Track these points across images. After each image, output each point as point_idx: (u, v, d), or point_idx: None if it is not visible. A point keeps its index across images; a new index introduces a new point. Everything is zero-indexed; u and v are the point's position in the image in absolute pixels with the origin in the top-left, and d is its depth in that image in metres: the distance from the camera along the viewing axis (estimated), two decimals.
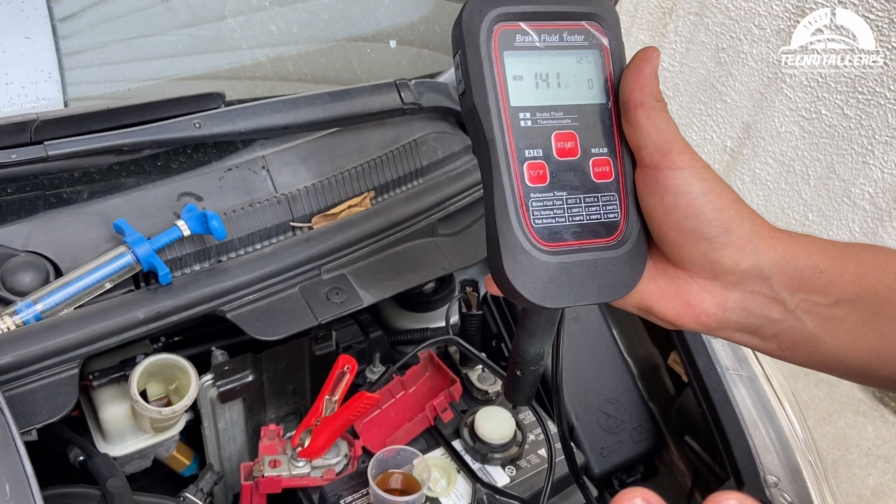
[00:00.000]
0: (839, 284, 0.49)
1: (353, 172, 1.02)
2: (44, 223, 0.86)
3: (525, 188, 0.49)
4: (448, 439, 0.98)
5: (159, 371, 0.91)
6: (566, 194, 0.50)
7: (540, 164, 0.50)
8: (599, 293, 0.50)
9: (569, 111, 0.51)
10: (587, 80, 0.51)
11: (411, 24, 1.21)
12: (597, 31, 0.52)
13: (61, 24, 1.02)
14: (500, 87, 0.49)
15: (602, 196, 0.51)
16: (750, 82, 2.49)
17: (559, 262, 0.49)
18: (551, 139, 0.50)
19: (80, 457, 0.91)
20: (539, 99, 0.50)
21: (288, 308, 0.92)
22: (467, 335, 1.06)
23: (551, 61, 0.51)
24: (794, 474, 0.90)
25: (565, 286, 0.49)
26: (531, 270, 0.49)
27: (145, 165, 0.94)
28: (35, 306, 0.79)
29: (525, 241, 0.49)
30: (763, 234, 0.49)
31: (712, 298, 0.51)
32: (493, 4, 0.49)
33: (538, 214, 0.49)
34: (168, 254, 0.87)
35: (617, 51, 0.52)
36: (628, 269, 0.51)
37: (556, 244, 0.49)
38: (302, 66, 1.11)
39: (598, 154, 0.51)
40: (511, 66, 0.50)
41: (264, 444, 0.95)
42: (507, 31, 0.50)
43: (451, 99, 1.12)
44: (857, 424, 2.31)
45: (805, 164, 2.41)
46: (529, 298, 0.49)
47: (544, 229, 0.49)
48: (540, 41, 0.50)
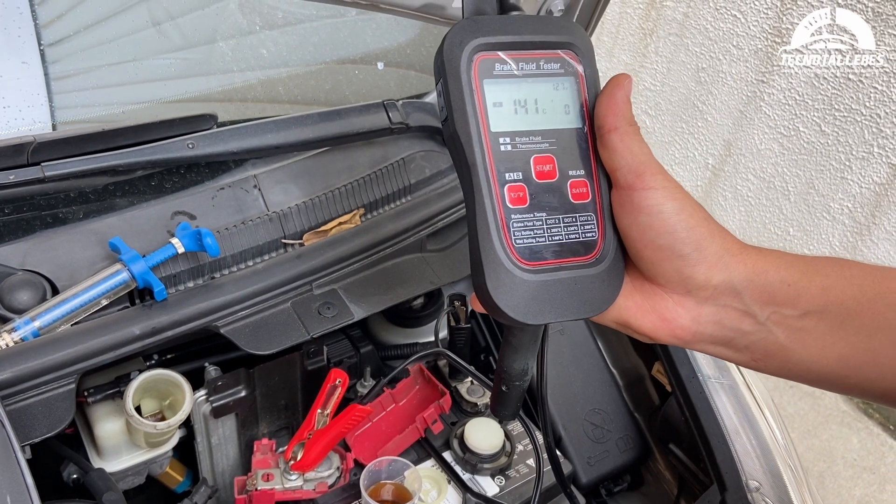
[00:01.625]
0: (806, 297, 0.51)
1: (342, 190, 1.05)
2: (41, 242, 0.87)
3: (506, 210, 0.51)
4: (438, 450, 1.00)
5: (154, 387, 0.93)
6: (545, 215, 0.52)
7: (520, 186, 0.52)
8: (579, 309, 0.52)
9: (547, 135, 0.53)
10: (564, 105, 0.53)
11: (398, 47, 1.25)
12: (572, 59, 0.54)
13: (50, 49, 1.04)
14: (481, 113, 0.51)
15: (580, 216, 0.53)
16: (730, 101, 2.54)
17: (540, 281, 0.51)
18: (530, 162, 0.52)
19: (74, 474, 0.92)
20: (518, 124, 0.52)
21: (280, 323, 0.93)
22: (456, 348, 1.08)
23: (529, 88, 0.53)
24: (775, 479, 0.92)
25: (546, 303, 0.51)
26: (513, 289, 0.50)
27: (139, 185, 0.97)
28: (33, 323, 0.81)
29: (507, 260, 0.50)
30: (733, 251, 0.52)
31: (687, 313, 0.53)
32: (473, 35, 0.51)
33: (519, 235, 0.51)
34: (163, 271, 0.89)
35: (591, 77, 0.54)
36: (606, 285, 0.53)
37: (537, 263, 0.51)
38: (292, 87, 1.14)
39: (575, 176, 0.53)
40: (491, 93, 0.52)
41: (257, 459, 0.97)
42: (487, 61, 0.52)
43: (438, 119, 1.15)
44: (842, 436, 2.34)
45: (785, 179, 2.46)
46: (512, 315, 0.50)
47: (525, 249, 0.51)
48: (518, 69, 0.52)
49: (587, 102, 0.54)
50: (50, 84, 1.03)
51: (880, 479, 2.23)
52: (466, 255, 1.16)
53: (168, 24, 1.14)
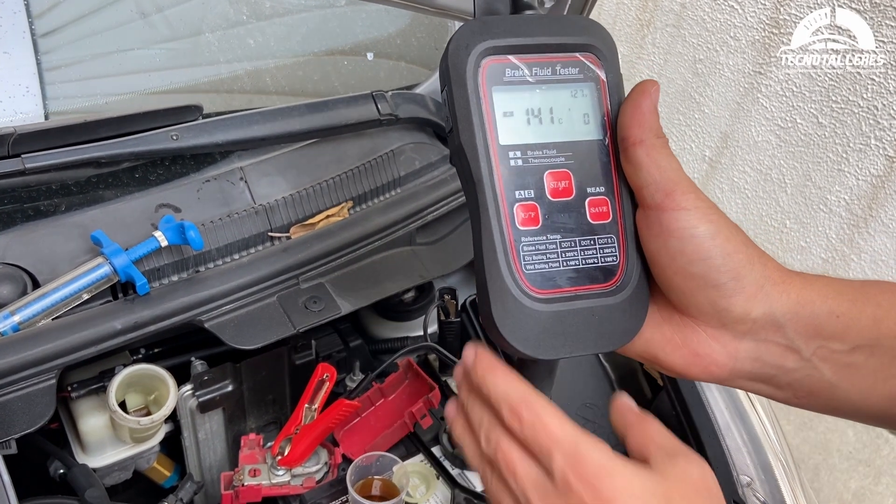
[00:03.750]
0: (856, 329, 0.46)
1: (330, 183, 1.03)
2: (21, 235, 0.86)
3: (515, 231, 0.46)
4: (427, 445, 0.99)
5: (138, 381, 0.92)
6: (560, 237, 0.47)
7: (531, 205, 0.47)
8: (597, 343, 0.47)
9: (562, 149, 0.48)
10: (583, 115, 0.49)
11: (388, 37, 1.23)
12: (592, 64, 0.49)
13: (42, 40, 1.03)
14: (489, 124, 0.47)
15: (599, 238, 0.48)
16: (727, 93, 2.52)
17: (553, 311, 0.46)
18: (544, 179, 0.47)
19: (59, 469, 0.91)
20: (530, 136, 0.48)
21: (266, 317, 0.92)
22: (446, 342, 1.07)
23: (544, 96, 0.48)
24: (766, 474, 0.91)
25: (560, 336, 0.46)
26: (522, 320, 0.46)
27: (123, 177, 0.95)
28: (12, 317, 0.79)
29: (515, 288, 0.46)
30: (775, 280, 0.46)
31: (722, 348, 0.48)
32: (481, 38, 0.47)
33: (530, 259, 0.47)
34: (146, 264, 0.88)
35: (614, 84, 0.49)
36: (628, 316, 0.48)
37: (550, 291, 0.47)
38: (279, 78, 1.13)
39: (594, 194, 0.48)
40: (500, 102, 0.47)
41: (244, 454, 0.96)
42: (496, 66, 0.47)
43: (428, 110, 1.14)
44: (838, 429, 2.33)
45: (782, 172, 2.45)
46: (521, 350, 0.46)
47: (536, 275, 0.47)
48: (531, 75, 0.48)
49: (609, 112, 0.49)
50: (43, 74, 1.02)
51: (875, 471, 2.23)
52: (456, 249, 1.15)
53: (155, 15, 1.13)
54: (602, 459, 0.42)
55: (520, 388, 0.45)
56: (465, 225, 1.16)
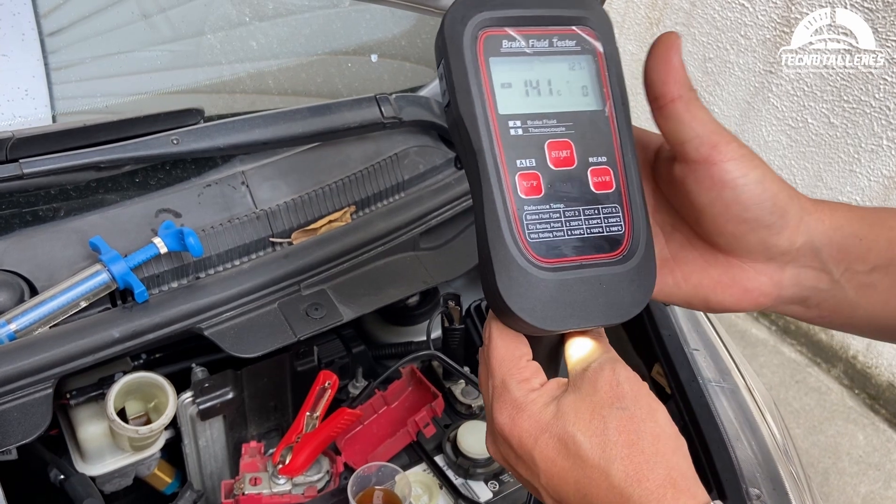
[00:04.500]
0: (875, 251, 0.50)
1: (333, 187, 1.02)
2: (19, 241, 0.85)
3: (518, 200, 0.46)
4: (430, 454, 0.98)
5: (137, 389, 0.91)
6: (563, 206, 0.47)
7: (533, 174, 0.47)
8: (606, 313, 0.47)
9: (563, 119, 0.48)
10: (581, 86, 0.49)
11: (393, 38, 1.22)
12: (589, 36, 0.49)
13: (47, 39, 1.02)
14: (488, 94, 0.46)
15: (603, 208, 0.48)
16: (737, 92, 2.50)
17: (559, 280, 0.46)
18: (545, 148, 0.47)
19: (60, 476, 0.90)
20: (530, 107, 0.48)
21: (267, 324, 0.91)
22: (450, 349, 1.06)
23: (542, 68, 0.48)
24: (776, 486, 0.89)
25: (567, 306, 0.46)
26: (528, 289, 0.45)
27: (123, 182, 0.94)
28: (8, 325, 0.78)
29: (520, 256, 0.45)
30: (809, 209, 0.49)
31: (769, 279, 0.51)
32: (477, 9, 0.46)
33: (533, 228, 0.46)
34: (145, 271, 0.87)
35: (611, 55, 0.49)
36: (636, 286, 0.47)
37: (555, 260, 0.46)
38: (282, 80, 1.11)
39: (596, 163, 0.48)
40: (498, 73, 0.47)
41: (245, 462, 0.95)
42: (493, 37, 0.47)
43: (433, 113, 1.12)
44: (848, 432, 2.31)
45: (793, 172, 2.42)
46: (528, 321, 0.45)
47: (541, 244, 0.46)
48: (528, 47, 0.48)
49: (608, 82, 0.49)
50: (50, 75, 1.01)
51: (886, 476, 2.21)
52: (461, 254, 1.13)
53: (158, 16, 1.11)
54: (518, 393, 0.47)
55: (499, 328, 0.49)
56: (469, 230, 1.14)
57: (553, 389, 0.47)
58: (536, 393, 0.47)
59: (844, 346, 2.39)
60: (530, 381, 0.47)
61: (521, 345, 0.48)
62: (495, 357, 0.48)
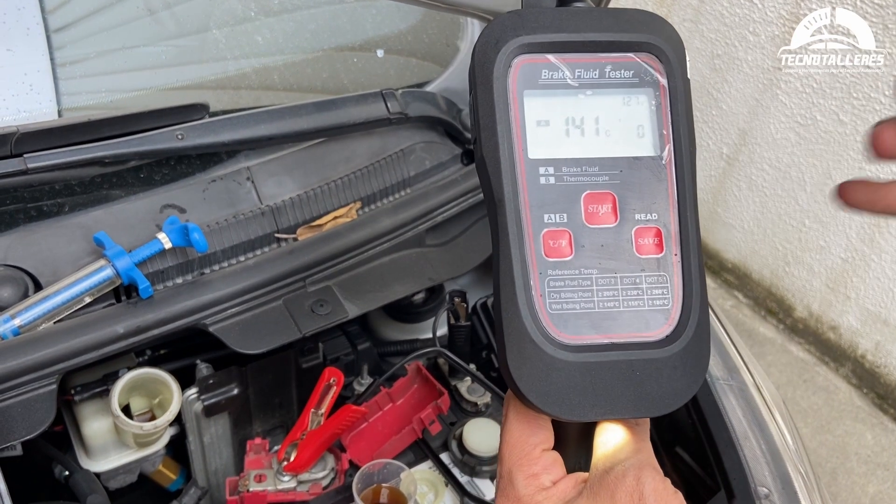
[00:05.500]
0: None
1: (339, 183, 1.01)
2: (23, 236, 0.85)
3: (541, 262, 0.40)
4: (436, 452, 0.97)
5: (142, 385, 0.90)
6: (596, 272, 0.40)
7: (563, 231, 0.40)
8: (637, 406, 0.39)
9: (607, 165, 0.41)
10: (636, 126, 0.42)
11: (399, 34, 1.21)
12: (651, 65, 0.42)
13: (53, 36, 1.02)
14: (517, 134, 0.40)
15: (647, 276, 0.40)
16: (745, 88, 2.48)
17: (581, 363, 0.39)
18: (580, 201, 0.40)
19: (65, 472, 0.90)
20: (567, 150, 0.41)
21: (272, 321, 0.91)
22: (456, 347, 1.05)
23: (588, 103, 0.41)
24: (785, 485, 0.88)
25: (589, 394, 0.39)
26: (544, 370, 0.39)
27: (128, 177, 0.94)
28: (13, 321, 0.78)
29: (535, 331, 0.39)
30: None
31: None
32: (514, 33, 0.40)
33: (556, 297, 0.39)
34: (149, 267, 0.86)
35: (678, 89, 0.42)
36: (679, 374, 0.40)
37: (579, 337, 0.39)
38: (288, 75, 1.11)
39: (644, 221, 0.41)
40: (532, 108, 0.41)
41: (250, 459, 0.94)
42: (530, 66, 0.41)
43: (439, 108, 1.11)
44: (856, 432, 2.29)
45: (801, 170, 2.40)
46: (541, 407, 0.39)
47: (563, 317, 0.39)
48: (573, 78, 0.41)
49: (669, 122, 0.42)
50: (56, 70, 1.00)
51: (894, 475, 2.19)
52: (467, 250, 1.13)
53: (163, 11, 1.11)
54: (524, 491, 0.41)
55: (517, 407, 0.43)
56: (475, 226, 1.14)
57: (565, 491, 0.41)
58: (544, 494, 0.41)
59: (853, 345, 2.38)
60: (540, 477, 0.41)
61: (538, 430, 0.42)
62: (506, 442, 0.43)
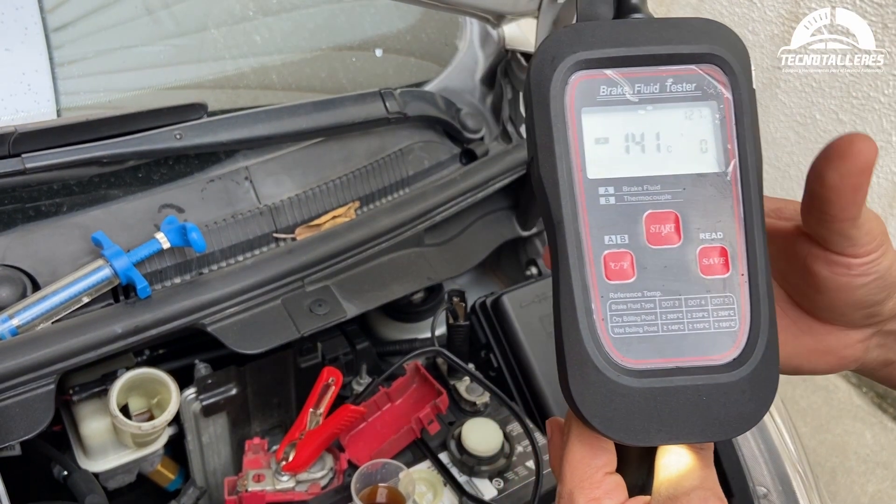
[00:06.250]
0: None
1: (337, 182, 1.01)
2: (21, 236, 0.85)
3: (602, 285, 0.39)
4: (434, 452, 0.97)
5: (140, 385, 0.90)
6: (659, 295, 0.39)
7: (624, 253, 0.40)
8: (704, 430, 0.39)
9: (670, 184, 0.40)
10: (699, 141, 0.40)
11: (398, 33, 1.21)
12: (714, 77, 0.41)
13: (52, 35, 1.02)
14: (575, 153, 0.39)
15: (713, 298, 0.39)
16: None
17: (646, 388, 0.38)
18: (641, 221, 0.40)
19: (63, 472, 0.90)
20: (628, 168, 0.40)
21: (270, 321, 0.91)
22: (454, 346, 1.05)
23: (648, 119, 0.40)
24: (784, 485, 0.88)
25: (654, 419, 0.38)
26: (606, 395, 0.38)
27: (126, 177, 0.94)
28: (11, 321, 0.78)
29: (598, 356, 0.38)
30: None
31: (861, 344, 0.48)
32: (570, 49, 0.39)
33: (618, 321, 0.39)
34: (148, 267, 0.86)
35: (743, 102, 0.41)
36: (748, 398, 0.39)
37: (643, 361, 0.39)
38: (286, 75, 1.11)
39: (709, 241, 0.40)
40: (591, 126, 0.40)
41: (248, 458, 0.94)
42: (588, 83, 0.40)
43: (438, 108, 1.11)
44: (856, 431, 2.30)
45: (801, 169, 2.40)
46: (604, 432, 0.39)
47: (626, 341, 0.39)
48: (633, 93, 0.40)
49: (734, 136, 0.40)
50: (55, 70, 1.00)
51: (893, 474, 2.19)
52: (466, 250, 1.13)
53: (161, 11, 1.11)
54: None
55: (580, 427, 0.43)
56: (474, 226, 1.14)
57: None
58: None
59: None
60: (602, 501, 0.41)
61: (601, 453, 0.42)
62: (569, 462, 0.42)
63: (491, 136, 1.18)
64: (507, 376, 1.10)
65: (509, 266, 1.31)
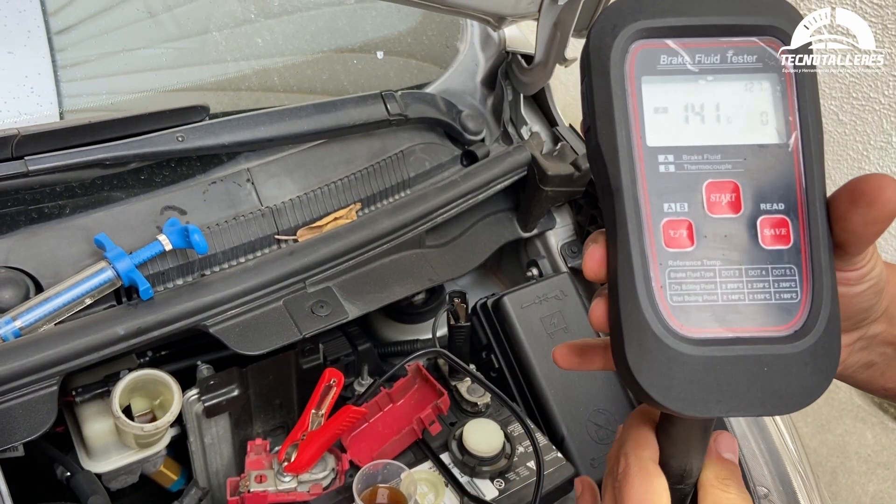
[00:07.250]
0: None
1: (339, 184, 1.01)
2: (24, 238, 0.85)
3: (661, 253, 0.39)
4: (436, 452, 0.97)
5: (143, 386, 0.91)
6: (719, 264, 0.39)
7: (684, 221, 0.39)
8: (765, 403, 0.38)
9: (730, 153, 0.40)
10: (760, 113, 0.40)
11: (398, 35, 1.21)
12: (775, 49, 0.41)
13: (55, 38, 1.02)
14: (635, 121, 0.39)
15: (774, 269, 0.39)
16: None
17: (706, 356, 0.38)
18: (702, 190, 0.39)
19: (66, 473, 0.90)
20: (688, 137, 0.40)
21: (272, 322, 0.91)
22: (455, 347, 1.05)
23: (709, 89, 0.40)
24: (784, 485, 0.89)
25: (713, 390, 0.38)
26: (664, 364, 0.38)
27: (128, 179, 0.94)
28: (14, 322, 0.78)
29: (657, 323, 0.38)
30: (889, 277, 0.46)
31: (846, 349, 0.48)
32: (632, 17, 0.39)
33: (677, 289, 0.38)
34: (150, 268, 0.87)
35: (805, 74, 0.41)
36: (810, 371, 0.38)
37: (702, 330, 0.38)
38: (287, 77, 1.11)
39: (770, 211, 0.39)
40: (651, 94, 0.40)
41: (251, 459, 0.94)
42: (649, 52, 0.40)
43: (439, 110, 1.12)
44: (857, 431, 2.30)
45: None
46: (661, 402, 0.38)
47: (685, 309, 0.38)
48: (693, 63, 0.40)
49: (795, 108, 0.40)
50: (58, 73, 1.01)
51: (895, 475, 2.19)
52: (466, 251, 1.13)
53: (164, 13, 1.11)
54: None
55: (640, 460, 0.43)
56: (475, 227, 1.14)
57: None
58: None
59: None
60: None
61: (659, 491, 0.42)
62: (630, 498, 0.42)
63: (492, 138, 1.18)
64: (508, 377, 1.10)
65: (510, 267, 1.31)
